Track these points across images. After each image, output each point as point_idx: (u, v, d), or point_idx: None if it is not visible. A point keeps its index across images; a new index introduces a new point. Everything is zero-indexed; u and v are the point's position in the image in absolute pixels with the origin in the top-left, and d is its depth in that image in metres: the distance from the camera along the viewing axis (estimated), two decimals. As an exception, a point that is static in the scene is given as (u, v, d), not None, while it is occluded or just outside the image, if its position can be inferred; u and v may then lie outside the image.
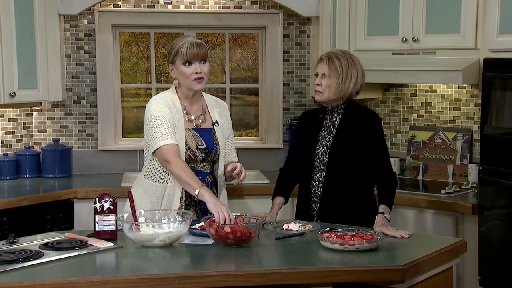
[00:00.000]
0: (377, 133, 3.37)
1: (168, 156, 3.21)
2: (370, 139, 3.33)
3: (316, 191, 3.36)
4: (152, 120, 3.28)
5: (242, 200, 4.47)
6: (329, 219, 3.31)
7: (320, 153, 3.36)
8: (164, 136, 3.24)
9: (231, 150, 3.53)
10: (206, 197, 3.09)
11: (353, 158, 3.33)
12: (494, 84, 3.79)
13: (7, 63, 4.42)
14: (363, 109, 3.46)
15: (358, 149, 3.32)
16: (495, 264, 3.76)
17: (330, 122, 3.40)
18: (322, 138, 3.38)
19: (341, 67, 3.31)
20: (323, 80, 3.33)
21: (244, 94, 5.46)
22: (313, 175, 3.38)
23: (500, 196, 3.76)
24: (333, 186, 3.33)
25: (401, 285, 2.69)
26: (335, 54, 3.36)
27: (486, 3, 4.03)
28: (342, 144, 3.32)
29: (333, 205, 3.34)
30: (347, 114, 3.38)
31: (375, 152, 3.33)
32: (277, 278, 2.57)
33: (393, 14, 4.47)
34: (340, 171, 3.33)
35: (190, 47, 3.27)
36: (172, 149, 3.22)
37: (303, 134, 3.47)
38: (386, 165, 3.36)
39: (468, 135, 4.58)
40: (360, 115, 3.38)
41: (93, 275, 2.52)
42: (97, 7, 5.00)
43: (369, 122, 3.37)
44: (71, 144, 5.05)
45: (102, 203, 2.95)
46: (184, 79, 3.31)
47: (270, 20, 5.20)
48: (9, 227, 4.02)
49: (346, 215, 3.32)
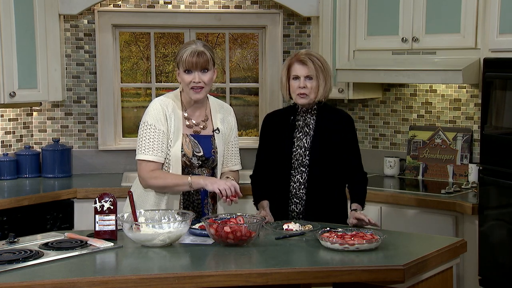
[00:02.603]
0: (351, 132, 3.43)
1: (142, 172, 3.25)
2: (345, 139, 3.38)
3: (297, 192, 3.37)
4: (143, 127, 3.28)
5: (242, 200, 4.45)
6: (313, 218, 3.32)
7: (298, 155, 3.37)
8: (146, 150, 3.25)
9: (231, 156, 3.47)
10: (202, 183, 3.16)
11: (332, 158, 3.36)
12: (494, 84, 3.79)
13: (7, 63, 4.42)
14: (336, 109, 3.51)
15: (336, 149, 3.36)
16: (495, 264, 3.76)
17: (303, 123, 3.40)
18: (297, 139, 3.38)
19: (323, 65, 3.31)
20: (308, 82, 3.31)
21: (244, 94, 5.46)
22: (291, 176, 3.38)
23: (500, 196, 3.76)
24: (316, 187, 3.36)
25: (401, 285, 2.69)
26: (312, 54, 3.34)
27: (486, 3, 4.03)
28: (321, 144, 3.35)
29: (318, 205, 3.37)
30: (321, 114, 3.39)
31: (349, 151, 3.38)
32: (277, 278, 2.57)
33: (393, 14, 4.47)
34: (321, 171, 3.35)
35: (190, 55, 3.21)
36: (149, 166, 3.24)
37: (274, 136, 3.45)
38: (358, 164, 3.42)
39: (468, 135, 4.58)
40: (334, 115, 3.41)
41: (93, 275, 2.52)
42: (97, 7, 5.00)
43: (344, 122, 3.41)
44: (71, 144, 5.05)
45: (102, 203, 2.95)
46: (184, 86, 3.29)
47: (270, 20, 5.20)
48: (9, 227, 4.02)
49: (327, 214, 3.35)
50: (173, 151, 3.27)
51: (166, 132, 3.26)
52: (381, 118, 5.05)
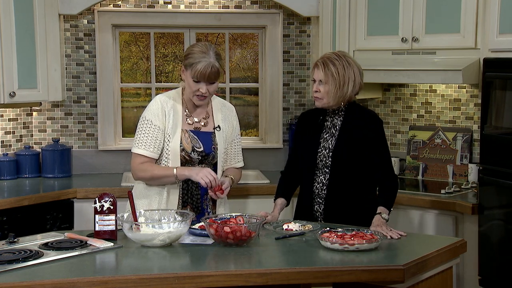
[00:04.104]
0: (378, 134, 3.37)
1: (133, 164, 3.32)
2: (371, 141, 3.33)
3: (320, 192, 3.37)
4: (141, 121, 3.34)
5: (242, 200, 4.47)
6: (334, 219, 3.32)
7: (322, 156, 3.36)
8: (140, 145, 3.31)
9: (234, 154, 3.52)
10: (186, 173, 3.22)
11: (355, 160, 3.33)
12: (494, 84, 3.79)
13: (7, 63, 4.42)
14: (364, 110, 3.45)
15: (360, 151, 3.33)
16: (495, 264, 3.76)
17: (331, 124, 3.40)
18: (324, 140, 3.38)
19: (337, 72, 3.28)
20: (321, 86, 3.31)
21: (244, 94, 5.46)
22: (315, 176, 3.38)
23: (500, 196, 3.76)
24: (338, 188, 3.34)
25: (401, 285, 2.70)
26: (330, 58, 3.31)
27: (486, 3, 4.03)
28: (344, 147, 3.32)
29: (338, 206, 3.35)
30: (348, 116, 3.37)
31: (376, 154, 3.34)
32: (277, 278, 2.57)
33: (393, 14, 4.47)
34: (344, 173, 3.33)
35: (204, 69, 3.21)
36: (140, 159, 3.30)
37: (303, 136, 3.47)
38: (388, 167, 3.37)
39: (468, 135, 4.58)
40: (361, 117, 3.38)
41: (93, 275, 2.52)
42: (97, 7, 5.00)
43: (371, 124, 3.37)
44: (71, 144, 5.05)
45: (102, 203, 2.96)
46: (189, 90, 3.31)
47: (270, 20, 5.20)
48: (9, 227, 4.02)
49: (350, 216, 3.32)
50: (172, 146, 3.30)
51: (162, 128, 3.30)
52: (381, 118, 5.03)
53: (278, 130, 5.26)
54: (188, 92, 3.31)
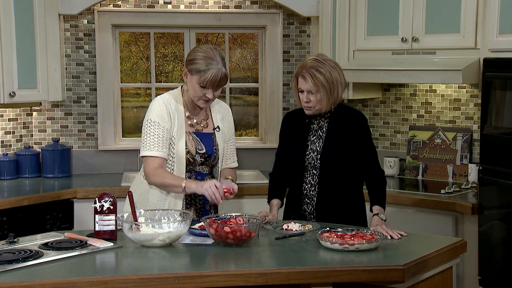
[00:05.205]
0: (367, 133, 3.40)
1: (147, 168, 3.25)
2: (362, 141, 3.36)
3: (308, 193, 3.37)
4: (147, 124, 3.27)
5: (242, 200, 4.47)
6: (325, 219, 3.33)
7: (310, 158, 3.37)
8: (152, 147, 3.25)
9: (230, 154, 3.52)
10: (193, 187, 3.15)
11: (344, 161, 3.35)
12: (494, 84, 3.79)
13: (7, 63, 4.42)
14: (348, 109, 3.46)
15: (348, 152, 3.34)
16: (495, 264, 3.76)
17: (317, 126, 3.40)
18: (311, 143, 3.38)
19: (325, 80, 3.24)
20: (311, 96, 3.28)
21: (244, 94, 5.46)
22: (304, 178, 3.39)
23: (500, 196, 3.76)
24: (327, 188, 3.35)
25: (401, 285, 2.70)
26: (315, 67, 3.25)
27: (486, 3, 4.03)
28: (332, 149, 3.33)
29: (329, 205, 3.36)
30: (334, 117, 3.37)
31: (363, 152, 3.35)
32: (277, 278, 2.57)
33: (393, 14, 4.47)
34: (332, 173, 3.35)
35: (214, 76, 3.19)
36: (154, 162, 3.24)
37: (289, 136, 3.47)
38: (375, 163, 3.38)
39: (468, 135, 4.58)
40: (346, 117, 3.38)
41: (93, 275, 2.52)
42: (97, 7, 5.00)
43: (359, 124, 3.38)
44: (71, 144, 5.05)
45: (102, 203, 2.95)
46: (193, 93, 3.27)
47: (270, 20, 5.20)
48: (9, 227, 4.02)
49: (340, 214, 3.34)
50: (178, 148, 3.28)
51: (169, 129, 3.28)
52: (381, 118, 5.05)
53: (278, 130, 5.20)
54: (193, 95, 3.27)
